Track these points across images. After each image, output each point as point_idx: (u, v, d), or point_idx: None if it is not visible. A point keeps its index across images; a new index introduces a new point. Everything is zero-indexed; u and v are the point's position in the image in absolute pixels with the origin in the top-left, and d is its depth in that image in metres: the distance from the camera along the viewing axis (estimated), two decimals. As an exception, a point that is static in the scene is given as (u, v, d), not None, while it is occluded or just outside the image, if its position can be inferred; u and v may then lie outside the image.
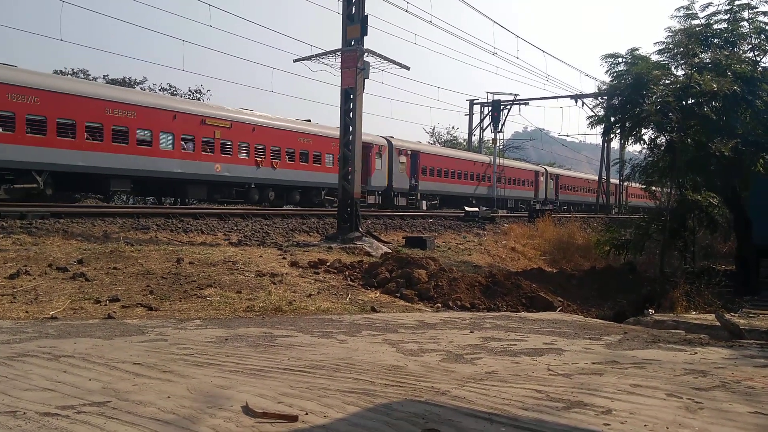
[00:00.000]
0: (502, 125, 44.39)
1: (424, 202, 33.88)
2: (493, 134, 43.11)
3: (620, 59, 14.75)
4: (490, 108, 45.44)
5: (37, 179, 17.50)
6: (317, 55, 15.93)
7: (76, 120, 18.29)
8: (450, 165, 36.46)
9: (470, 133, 50.90)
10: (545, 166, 51.32)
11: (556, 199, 47.91)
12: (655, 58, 14.60)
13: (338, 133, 15.80)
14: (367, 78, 15.18)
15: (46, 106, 17.58)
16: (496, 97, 44.48)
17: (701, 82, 12.32)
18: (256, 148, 23.72)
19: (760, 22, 14.69)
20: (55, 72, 25.41)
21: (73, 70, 41.41)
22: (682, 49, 14.08)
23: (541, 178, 46.67)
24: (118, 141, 19.24)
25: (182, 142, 21.25)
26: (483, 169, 39.59)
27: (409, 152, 32.72)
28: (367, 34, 14.94)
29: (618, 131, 16.51)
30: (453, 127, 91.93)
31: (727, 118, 13.19)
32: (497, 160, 40.41)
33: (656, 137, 15.24)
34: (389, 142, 31.16)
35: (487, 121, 47.53)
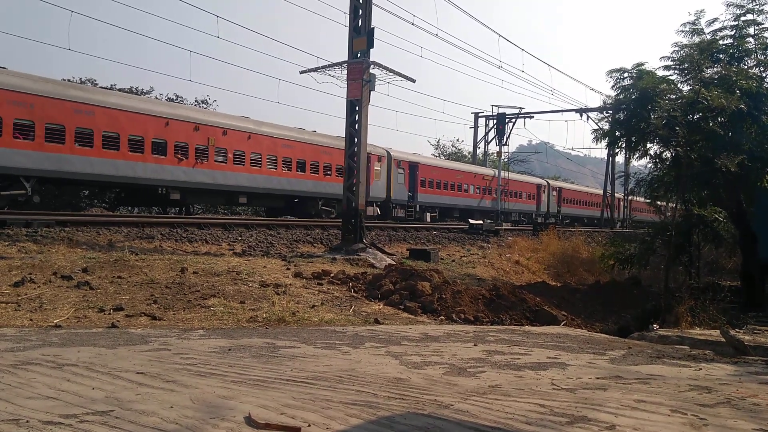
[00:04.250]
0: (507, 138, 44.43)
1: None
2: (498, 147, 43.18)
3: (626, 74, 14.73)
4: (495, 121, 45.29)
5: (437, 213, 35.74)
6: (323, 67, 15.99)
7: (440, 180, 35.47)
8: (581, 197, 55.12)
9: (475, 146, 50.95)
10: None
11: (626, 217, 55.78)
12: (660, 73, 14.63)
13: (538, 181, 17.07)
14: (373, 90, 15.20)
15: (438, 174, 35.73)
16: (501, 110, 44.30)
17: (709, 98, 12.31)
18: (515, 193, 43.04)
19: (766, 38, 14.74)
20: (64, 80, 25.69)
21: (81, 79, 41.76)
22: (687, 65, 14.12)
23: (617, 202, 57.44)
24: (458, 191, 37.39)
25: (476, 189, 39.58)
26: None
27: (558, 188, 49.85)
28: (373, 47, 14.99)
29: (623, 145, 16.48)
30: (458, 140, 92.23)
31: (733, 133, 13.21)
32: (587, 188, 56.86)
33: (662, 152, 15.22)
34: (548, 183, 49.29)
35: (492, 133, 47.55)
